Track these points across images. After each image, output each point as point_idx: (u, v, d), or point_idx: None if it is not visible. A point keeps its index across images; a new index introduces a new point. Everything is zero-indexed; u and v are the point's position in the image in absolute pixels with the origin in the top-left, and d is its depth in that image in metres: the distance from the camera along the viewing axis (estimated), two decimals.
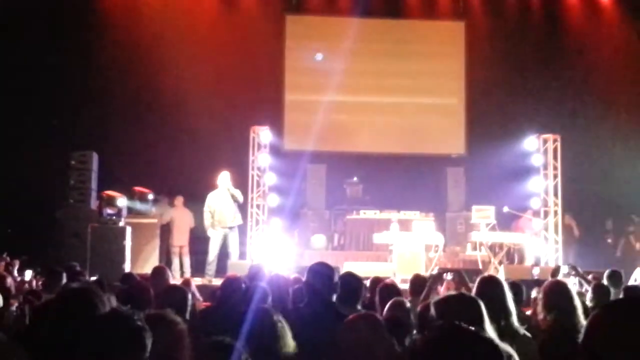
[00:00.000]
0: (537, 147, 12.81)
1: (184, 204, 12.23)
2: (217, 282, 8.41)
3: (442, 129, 14.93)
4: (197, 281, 9.52)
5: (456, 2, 14.92)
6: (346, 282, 4.11)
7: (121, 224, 10.43)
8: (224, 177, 10.90)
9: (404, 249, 11.11)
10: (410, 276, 6.36)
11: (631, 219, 13.40)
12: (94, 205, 11.05)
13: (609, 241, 13.88)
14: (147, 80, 13.08)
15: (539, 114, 13.88)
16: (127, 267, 9.92)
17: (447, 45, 15.01)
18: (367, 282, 5.84)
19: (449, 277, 5.50)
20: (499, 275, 9.15)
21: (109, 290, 4.97)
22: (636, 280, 8.41)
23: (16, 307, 5.48)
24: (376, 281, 5.90)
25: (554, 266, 10.24)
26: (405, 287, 6.35)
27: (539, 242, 12.38)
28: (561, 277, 6.85)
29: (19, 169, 11.86)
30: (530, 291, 6.45)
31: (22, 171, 11.80)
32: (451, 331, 1.84)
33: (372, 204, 13.70)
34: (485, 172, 13.15)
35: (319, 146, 13.63)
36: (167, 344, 2.56)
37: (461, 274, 5.49)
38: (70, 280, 6.02)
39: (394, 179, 14.11)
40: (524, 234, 12.19)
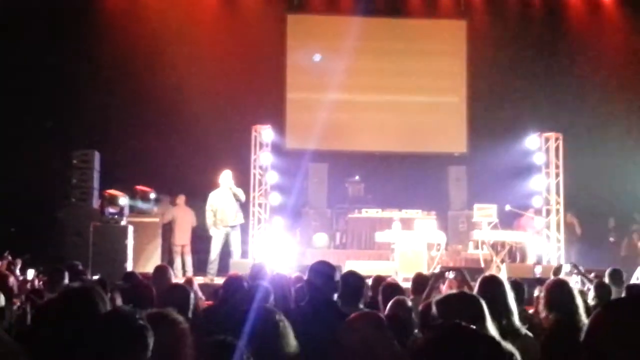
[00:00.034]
0: (538, 146, 12.78)
1: (186, 202, 12.23)
2: (219, 281, 8.39)
3: (444, 127, 14.92)
4: (199, 280, 9.49)
5: (457, 1, 14.90)
6: (348, 281, 4.10)
7: (123, 223, 10.41)
8: (226, 176, 10.90)
9: (406, 248, 11.11)
10: (412, 275, 6.35)
11: (634, 218, 13.40)
12: (96, 204, 11.05)
13: (611, 239, 13.84)
14: (149, 79, 13.09)
15: (541, 112, 13.87)
16: (129, 266, 9.90)
17: (448, 44, 14.99)
18: (369, 281, 5.85)
19: (451, 275, 5.49)
20: (500, 273, 9.16)
21: (114, 289, 4.98)
22: (638, 278, 8.39)
23: (18, 306, 5.48)
24: (378, 280, 5.91)
25: (556, 265, 10.24)
26: (407, 285, 6.35)
27: (541, 240, 12.37)
28: (563, 275, 6.85)
29: (21, 168, 11.88)
30: (532, 290, 6.46)
31: (24, 171, 11.82)
32: (453, 330, 1.84)
33: (374, 202, 13.69)
34: (487, 170, 13.17)
35: (320, 145, 13.62)
36: (169, 343, 2.56)
37: (463, 273, 5.48)
38: (72, 279, 6.02)
39: (396, 177, 14.12)
40: (526, 232, 12.19)
